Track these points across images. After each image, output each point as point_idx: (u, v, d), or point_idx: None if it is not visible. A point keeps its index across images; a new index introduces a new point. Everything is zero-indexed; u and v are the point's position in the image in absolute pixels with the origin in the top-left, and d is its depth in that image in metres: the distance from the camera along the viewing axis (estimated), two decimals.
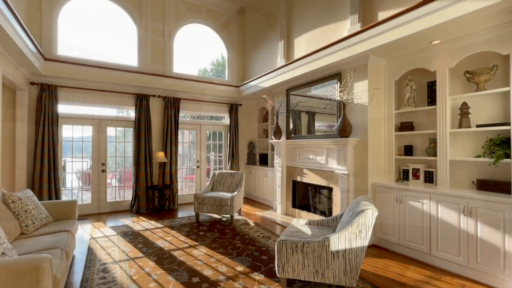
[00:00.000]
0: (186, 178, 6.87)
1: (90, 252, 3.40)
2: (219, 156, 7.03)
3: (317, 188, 4.72)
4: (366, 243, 2.29)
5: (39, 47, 4.07)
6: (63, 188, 5.69)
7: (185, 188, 6.59)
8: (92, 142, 5.31)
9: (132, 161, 5.56)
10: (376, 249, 3.55)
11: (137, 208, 5.36)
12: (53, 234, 2.66)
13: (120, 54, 5.63)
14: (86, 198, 5.49)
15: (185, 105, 6.13)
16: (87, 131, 5.30)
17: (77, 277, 2.79)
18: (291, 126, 5.15)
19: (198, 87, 6.09)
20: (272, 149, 6.08)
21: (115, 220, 4.86)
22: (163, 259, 3.19)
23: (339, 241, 2.28)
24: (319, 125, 4.58)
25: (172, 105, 5.80)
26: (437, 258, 2.99)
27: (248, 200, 6.57)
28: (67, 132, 5.16)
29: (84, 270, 2.91)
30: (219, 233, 4.10)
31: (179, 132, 6.20)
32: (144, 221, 4.79)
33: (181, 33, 6.17)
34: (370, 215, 2.26)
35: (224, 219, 4.90)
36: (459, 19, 2.57)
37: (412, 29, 2.88)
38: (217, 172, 5.41)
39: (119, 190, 6.07)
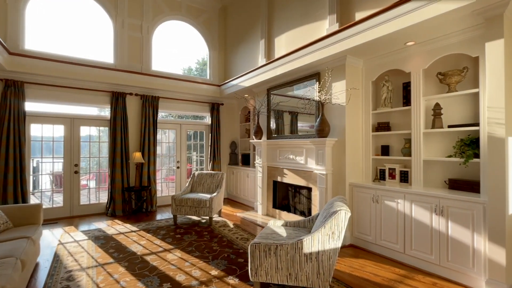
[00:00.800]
0: (167, 179, 6.69)
1: (56, 258, 3.20)
2: (201, 157, 6.90)
3: (297, 189, 4.69)
4: (339, 244, 2.26)
5: (1, 40, 3.81)
6: (35, 191, 5.39)
7: (165, 189, 6.41)
8: (64, 142, 5.05)
9: (108, 162, 5.34)
10: (353, 249, 3.56)
11: (112, 210, 5.14)
12: (9, 242, 2.47)
13: (94, 50, 5.39)
14: (59, 200, 5.22)
15: (164, 104, 5.95)
16: (58, 131, 5.03)
17: (38, 286, 2.60)
18: (272, 126, 5.11)
19: (178, 85, 5.93)
20: (254, 150, 6.01)
21: (88, 224, 4.64)
22: (135, 264, 3.05)
23: (312, 243, 2.25)
24: (302, 125, 4.55)
25: (150, 103, 5.62)
26: (411, 257, 3.03)
27: (230, 201, 6.48)
28: (36, 131, 4.88)
29: (46, 278, 2.73)
30: (197, 236, 3.98)
31: (158, 132, 6.03)
32: (119, 224, 4.60)
33: (161, 30, 5.99)
34: (343, 216, 2.24)
35: (203, 221, 4.78)
36: (431, 21, 2.60)
37: (387, 29, 2.89)
38: (196, 172, 5.28)
39: (94, 192, 5.81)
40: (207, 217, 4.87)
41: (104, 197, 5.56)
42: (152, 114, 5.64)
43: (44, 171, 5.51)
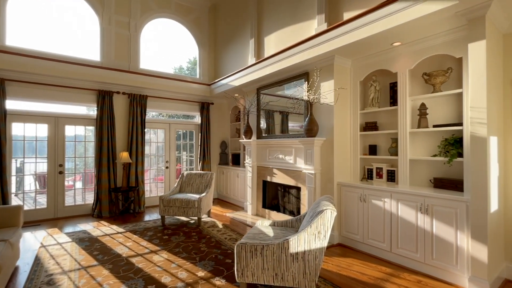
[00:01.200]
0: (156, 179, 6.59)
1: (37, 262, 3.09)
2: (190, 156, 6.82)
3: (286, 188, 4.69)
4: (325, 243, 2.26)
5: None
6: (18, 192, 5.21)
7: (154, 189, 6.31)
8: (47, 141, 4.90)
9: (94, 162, 5.21)
10: (341, 248, 3.57)
11: (98, 212, 5.02)
12: None
13: (80, 48, 5.25)
14: (42, 202, 5.06)
15: (152, 103, 5.86)
16: (42, 130, 4.88)
17: None
18: (263, 125, 5.09)
19: (167, 84, 5.84)
20: (245, 149, 5.98)
21: (73, 226, 4.51)
22: (119, 266, 2.97)
23: (299, 243, 2.23)
24: (292, 125, 4.53)
25: (138, 102, 5.52)
26: (397, 255, 3.06)
27: (220, 201, 6.43)
28: (18, 130, 4.72)
29: (25, 283, 2.63)
30: (185, 237, 3.93)
31: (146, 131, 5.93)
32: (105, 225, 4.50)
33: (150, 28, 5.90)
34: (329, 215, 2.23)
35: (192, 221, 4.73)
36: (416, 22, 2.63)
37: (374, 29, 2.91)
38: (185, 172, 5.22)
39: (80, 193, 5.67)
40: (196, 218, 4.82)
41: (90, 198, 5.42)
42: (140, 113, 5.54)
43: (27, 172, 5.33)
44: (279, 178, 4.59)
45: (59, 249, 3.48)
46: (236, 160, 6.44)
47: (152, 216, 5.14)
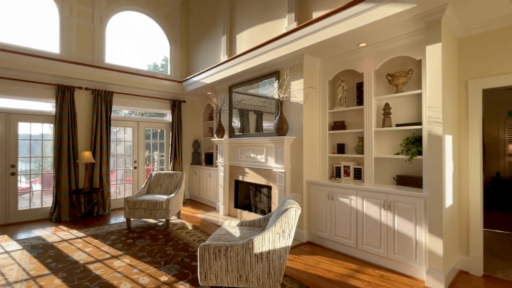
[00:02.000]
0: (125, 180, 6.26)
1: None
2: (162, 156, 6.56)
3: (258, 187, 4.65)
4: (289, 242, 2.23)
5: None
6: None
7: (123, 191, 6.00)
8: None
9: (53, 162, 4.83)
10: (310, 246, 3.60)
11: (57, 216, 4.66)
12: None
13: (37, 39, 4.85)
14: None
15: (119, 100, 5.56)
16: None
17: None
18: (237, 124, 5.01)
19: (136, 80, 5.58)
20: (218, 149, 5.86)
21: (27, 232, 4.14)
22: (74, 274, 2.75)
23: (263, 243, 2.19)
24: (267, 124, 4.45)
25: (103, 99, 5.20)
26: (363, 251, 3.13)
27: (192, 202, 6.26)
28: None
29: None
30: (151, 240, 3.75)
31: (113, 130, 5.61)
32: (64, 230, 4.18)
33: (117, 21, 5.59)
34: (293, 213, 2.21)
35: (160, 223, 4.54)
36: (380, 23, 2.69)
37: (340, 29, 2.95)
38: (154, 173, 5.00)
39: (38, 196, 5.23)
40: (164, 220, 4.63)
41: (49, 201, 5.02)
42: (105, 110, 5.22)
43: None
44: (251, 177, 4.54)
45: (6, 258, 3.16)
46: (209, 160, 6.30)
47: (118, 219, 4.86)
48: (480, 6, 2.40)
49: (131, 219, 4.71)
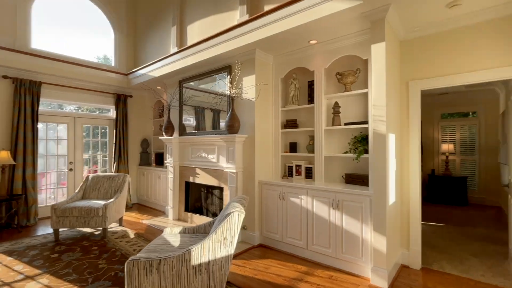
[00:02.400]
0: (62, 184, 5.46)
1: None
2: (104, 157, 5.89)
3: (209, 189, 4.39)
4: (231, 251, 2.03)
5: None
6: None
7: (60, 196, 5.21)
8: None
9: None
10: (262, 249, 3.45)
11: None
12: None
13: None
14: None
15: (50, 92, 4.82)
16: None
17: None
18: (191, 122, 4.65)
19: (72, 70, 4.90)
20: None
21: None
22: None
23: (202, 253, 1.95)
24: (223, 122, 4.19)
25: (28, 90, 4.44)
26: (313, 252, 3.07)
27: (140, 207, 5.73)
28: None
29: None
30: (81, 253, 3.25)
31: (40, 126, 4.85)
32: None
33: (49, 1, 4.83)
34: (235, 218, 2.02)
35: (97, 233, 4.01)
36: (328, 19, 2.64)
37: (291, 23, 2.85)
38: (91, 175, 4.42)
39: None
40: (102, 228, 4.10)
41: None
42: (30, 103, 4.47)
43: None
44: (202, 178, 4.26)
45: None
46: (160, 160, 5.83)
47: (46, 230, 4.19)
48: (418, 9, 2.48)
49: (62, 229, 4.09)
